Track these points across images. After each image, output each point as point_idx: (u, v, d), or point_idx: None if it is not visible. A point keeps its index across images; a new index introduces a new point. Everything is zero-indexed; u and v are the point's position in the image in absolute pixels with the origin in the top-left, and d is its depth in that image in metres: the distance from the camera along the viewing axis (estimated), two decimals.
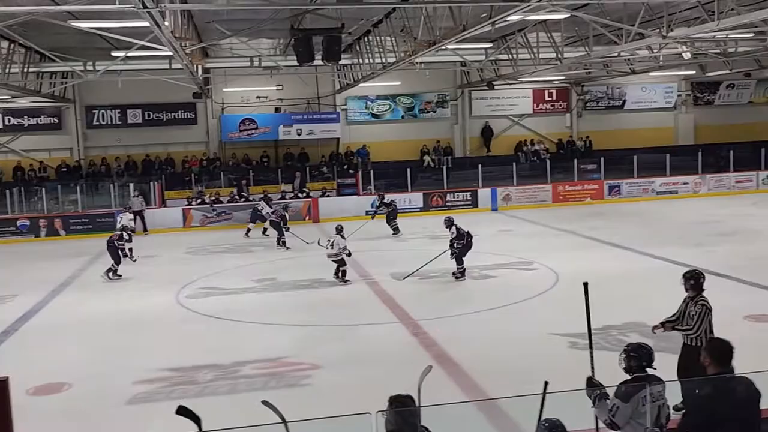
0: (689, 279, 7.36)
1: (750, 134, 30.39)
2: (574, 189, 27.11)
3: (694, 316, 7.13)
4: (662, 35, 14.79)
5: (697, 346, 6.88)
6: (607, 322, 10.54)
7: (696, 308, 7.15)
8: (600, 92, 30.45)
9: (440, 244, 19.31)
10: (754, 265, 14.34)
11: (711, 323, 7.05)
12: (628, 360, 4.96)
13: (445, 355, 9.61)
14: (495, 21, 12.39)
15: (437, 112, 29.36)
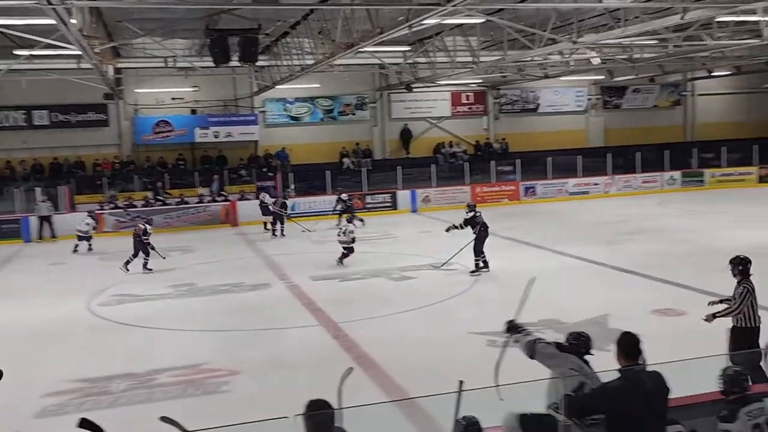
0: (737, 264, 7.59)
1: (655, 137, 31.77)
2: (491, 190, 27.67)
3: (736, 297, 7.45)
4: (572, 41, 15.30)
5: (742, 327, 7.31)
6: (524, 319, 10.74)
7: (739, 289, 7.46)
8: (515, 95, 31.18)
9: (360, 245, 19.34)
10: (660, 262, 14.98)
11: (754, 306, 7.35)
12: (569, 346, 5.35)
13: (365, 357, 9.63)
14: (412, 24, 12.50)
15: (356, 115, 29.41)
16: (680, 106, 33.57)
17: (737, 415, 4.60)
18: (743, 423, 4.59)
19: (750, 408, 4.65)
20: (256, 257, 18.23)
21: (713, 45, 18.29)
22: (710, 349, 5.19)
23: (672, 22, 13.32)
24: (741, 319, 7.38)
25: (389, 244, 19.57)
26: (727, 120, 33.54)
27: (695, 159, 30.10)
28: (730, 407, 4.65)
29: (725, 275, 13.58)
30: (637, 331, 4.82)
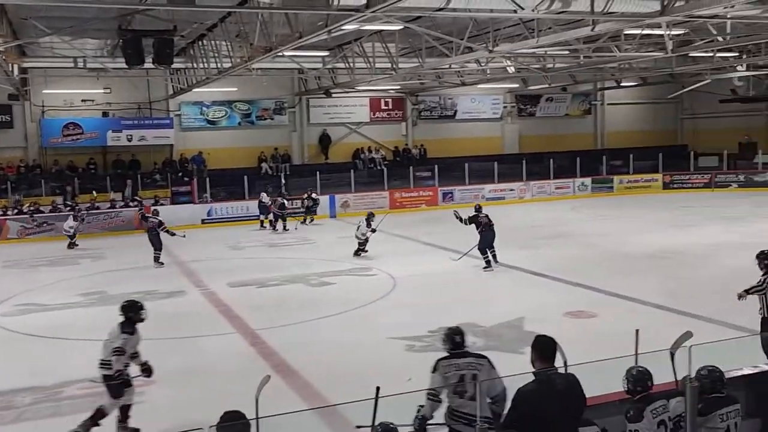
0: (763, 259, 8.16)
1: (567, 144, 32.80)
2: (410, 196, 27.93)
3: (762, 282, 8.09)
4: (488, 50, 15.60)
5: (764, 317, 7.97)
6: (442, 323, 10.84)
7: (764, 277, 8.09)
8: (433, 102, 31.57)
9: (278, 251, 19.17)
10: (572, 265, 15.44)
11: None
12: (443, 341, 5.64)
13: (284, 364, 9.51)
14: (331, 29, 12.47)
15: (275, 119, 29.11)
16: (591, 115, 34.76)
17: (643, 413, 4.76)
18: (649, 421, 4.75)
19: (654, 405, 4.82)
20: (171, 264, 17.76)
21: (621, 56, 19.03)
22: (620, 350, 5.34)
23: (583, 34, 13.78)
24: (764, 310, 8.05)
25: (308, 249, 19.46)
26: (634, 129, 34.95)
27: (605, 166, 31.24)
28: (637, 406, 4.80)
29: (634, 278, 14.17)
30: (551, 333, 4.93)
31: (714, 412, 4.92)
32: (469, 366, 5.35)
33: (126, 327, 7.48)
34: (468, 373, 5.29)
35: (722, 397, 5.03)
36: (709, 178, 30.18)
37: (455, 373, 5.31)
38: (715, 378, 5.08)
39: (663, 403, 4.86)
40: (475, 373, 5.30)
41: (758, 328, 8.29)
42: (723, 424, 4.93)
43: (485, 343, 10.03)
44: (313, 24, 13.48)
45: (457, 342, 5.57)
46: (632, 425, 4.78)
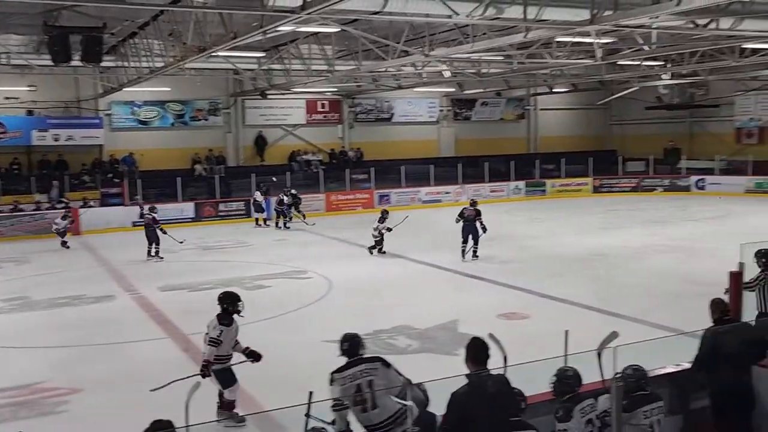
0: (761, 257, 8.10)
1: (501, 148, 33.32)
2: (346, 198, 27.90)
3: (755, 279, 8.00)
4: (424, 54, 15.73)
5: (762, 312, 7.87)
6: (377, 326, 10.92)
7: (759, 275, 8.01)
8: (370, 105, 31.63)
9: (213, 254, 18.90)
10: (506, 267, 15.70)
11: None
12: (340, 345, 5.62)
13: None
14: (266, 30, 12.36)
15: (209, 120, 28.64)
16: (524, 120, 35.42)
17: (572, 413, 4.87)
18: (578, 420, 4.86)
19: (582, 405, 4.93)
20: (99, 268, 17.29)
21: (553, 63, 19.46)
22: (552, 350, 5.45)
23: (516, 40, 14.03)
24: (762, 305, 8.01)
25: (243, 252, 19.21)
26: (565, 133, 35.79)
27: (538, 170, 31.88)
28: (566, 406, 4.91)
29: (565, 279, 14.48)
30: (484, 334, 4.99)
31: (637, 409, 5.08)
32: (363, 373, 5.28)
33: (223, 319, 7.52)
34: (363, 381, 5.22)
35: (646, 394, 5.19)
36: (636, 183, 31.16)
37: (351, 384, 5.23)
38: (639, 376, 5.25)
39: (591, 402, 4.98)
40: (370, 379, 5.23)
41: (683, 328, 8.54)
42: (646, 421, 5.10)
43: (420, 345, 10.10)
44: (247, 24, 13.32)
45: (345, 349, 5.49)
46: (561, 425, 4.88)
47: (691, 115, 33.66)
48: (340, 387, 5.25)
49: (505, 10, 11.30)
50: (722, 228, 19.77)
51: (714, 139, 32.29)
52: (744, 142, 31.17)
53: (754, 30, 13.52)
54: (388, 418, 5.14)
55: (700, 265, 14.97)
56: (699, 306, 8.10)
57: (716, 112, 32.37)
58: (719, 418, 5.73)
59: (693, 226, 21.02)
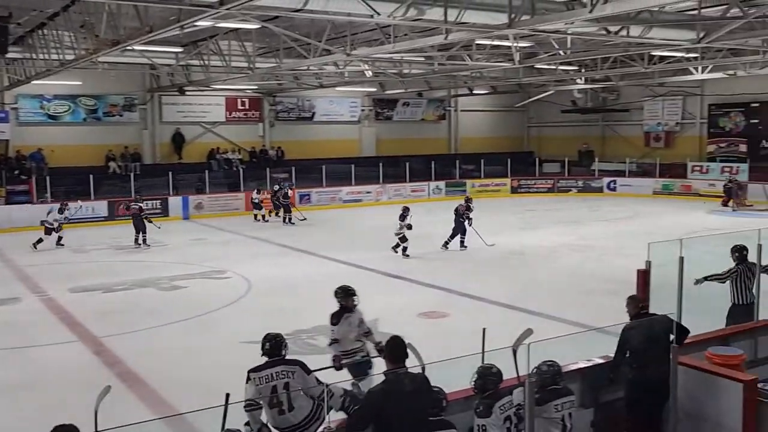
0: (735, 252, 8.73)
1: (422, 148, 33.67)
2: (266, 198, 27.52)
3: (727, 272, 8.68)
4: (346, 53, 15.72)
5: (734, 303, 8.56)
6: (297, 326, 10.84)
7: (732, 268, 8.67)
8: (291, 103, 31.37)
9: (127, 254, 18.40)
10: (425, 266, 15.86)
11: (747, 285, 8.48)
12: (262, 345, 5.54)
13: (130, 373, 9.08)
14: (184, 25, 12.07)
15: (124, 116, 27.76)
16: (445, 120, 35.90)
17: (492, 409, 4.95)
18: (497, 416, 4.95)
19: (502, 402, 5.02)
20: (4, 269, 16.51)
21: (473, 65, 19.79)
22: (470, 348, 5.52)
23: (437, 42, 14.19)
24: (735, 297, 8.60)
25: (158, 252, 18.71)
26: (485, 135, 36.47)
27: (458, 170, 32.36)
28: (486, 402, 4.99)
29: (484, 278, 14.73)
30: (404, 333, 5.02)
31: (549, 403, 5.22)
32: (279, 375, 5.24)
33: (334, 317, 7.34)
34: (279, 383, 5.19)
35: (558, 388, 5.34)
36: (552, 184, 32.04)
37: (267, 385, 5.19)
38: (553, 372, 5.39)
39: (509, 399, 5.08)
40: (286, 381, 5.20)
41: (594, 324, 8.81)
42: (558, 414, 5.25)
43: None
44: (164, 18, 12.99)
45: (266, 349, 5.44)
46: (481, 420, 4.95)
47: (604, 119, 34.91)
48: (255, 387, 5.18)
49: (427, 11, 11.40)
50: (631, 228, 20.54)
51: (625, 142, 33.59)
52: (652, 146, 32.54)
53: (662, 38, 14.13)
54: (305, 418, 5.11)
55: (610, 264, 15.52)
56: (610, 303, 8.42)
57: (627, 117, 33.70)
58: (633, 410, 5.92)
59: (604, 226, 21.77)
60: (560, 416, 5.25)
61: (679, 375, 5.76)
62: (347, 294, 7.38)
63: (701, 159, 30.42)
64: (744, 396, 5.61)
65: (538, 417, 5.06)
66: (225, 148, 29.62)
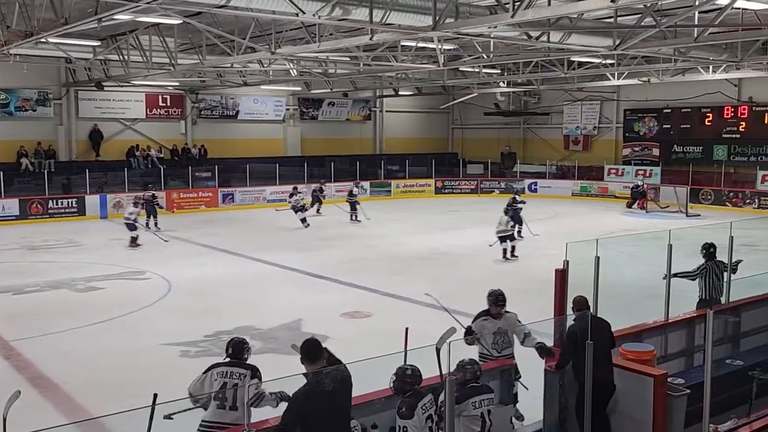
0: (704, 249, 9.17)
1: (347, 148, 33.71)
2: (188, 196, 27.04)
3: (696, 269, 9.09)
4: (271, 51, 15.57)
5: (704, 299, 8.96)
6: (219, 327, 10.68)
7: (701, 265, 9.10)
8: (215, 101, 30.82)
9: (40, 254, 17.77)
10: (349, 266, 15.86)
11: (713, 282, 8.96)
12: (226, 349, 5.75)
13: (42, 377, 8.74)
14: (102, 18, 11.72)
15: (38, 111, 26.65)
16: (370, 121, 35.99)
17: (415, 411, 4.98)
18: (419, 417, 4.99)
19: (424, 401, 5.07)
20: None
21: (398, 66, 19.93)
22: (393, 347, 5.55)
23: (362, 42, 14.22)
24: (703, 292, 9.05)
25: (74, 252, 18.08)
26: (410, 135, 36.76)
27: (383, 170, 32.51)
28: (409, 402, 5.02)
29: (408, 278, 14.85)
30: (328, 333, 5.02)
31: (467, 400, 5.30)
32: (233, 375, 5.46)
33: (475, 318, 7.26)
34: (230, 382, 5.40)
35: (477, 386, 5.44)
36: (475, 185, 32.58)
37: (220, 380, 5.43)
38: (474, 370, 5.49)
39: (431, 398, 5.13)
40: (236, 382, 5.40)
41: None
42: (477, 411, 5.34)
43: (263, 345, 9.96)
44: (82, 11, 12.59)
45: (229, 353, 5.66)
46: (403, 422, 4.98)
47: (525, 122, 35.74)
48: (210, 379, 5.41)
49: (352, 11, 11.43)
50: (551, 228, 21.09)
51: (545, 145, 34.49)
52: (571, 149, 33.52)
53: (580, 44, 14.57)
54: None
55: (531, 263, 15.90)
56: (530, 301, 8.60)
57: (547, 120, 34.64)
58: (580, 405, 6.01)
59: (526, 227, 22.23)
60: (479, 413, 5.35)
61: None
62: (494, 298, 7.13)
63: (617, 162, 31.55)
64: (654, 390, 5.83)
65: (458, 415, 5.14)
66: (145, 145, 28.83)
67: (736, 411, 6.40)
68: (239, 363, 5.57)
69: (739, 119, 27.71)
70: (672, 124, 29.76)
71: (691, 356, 7.97)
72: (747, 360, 7.87)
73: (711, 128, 28.47)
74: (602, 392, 6.02)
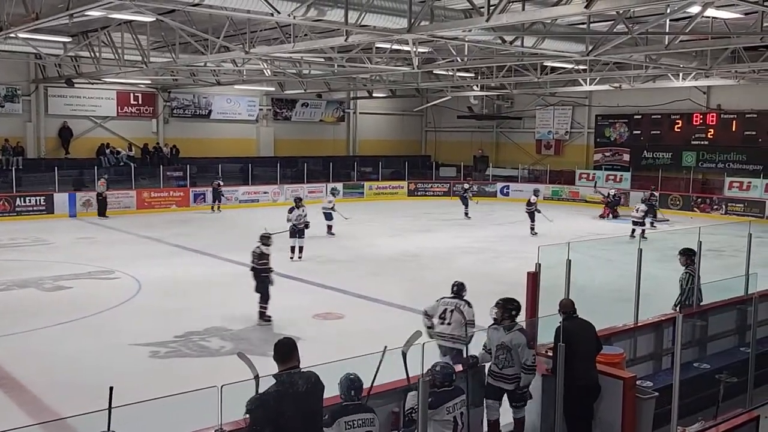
0: (683, 254, 9.17)
1: (321, 149, 33.66)
2: (160, 196, 26.78)
3: (681, 281, 9.04)
4: (245, 50, 15.48)
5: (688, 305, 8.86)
6: (188, 328, 10.59)
7: (683, 275, 9.04)
8: (187, 100, 30.55)
9: (7, 252, 17.49)
10: (322, 267, 15.84)
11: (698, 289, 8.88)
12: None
13: (7, 378, 8.60)
14: (73, 14, 11.55)
15: (6, 108, 26.18)
16: (344, 122, 35.96)
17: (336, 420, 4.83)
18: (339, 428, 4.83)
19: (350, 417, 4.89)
20: None
21: (372, 68, 19.93)
22: (365, 348, 5.53)
23: (337, 43, 14.22)
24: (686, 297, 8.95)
25: (42, 251, 17.79)
26: (384, 137, 36.82)
27: (356, 172, 32.50)
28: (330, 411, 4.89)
29: (380, 279, 14.85)
30: (299, 334, 4.99)
31: (442, 405, 5.29)
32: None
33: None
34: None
35: (450, 390, 5.43)
36: (447, 187, 32.70)
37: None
38: (446, 373, 5.48)
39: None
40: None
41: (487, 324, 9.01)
42: (450, 416, 5.32)
43: (234, 346, 9.90)
44: (53, 6, 12.39)
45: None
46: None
47: (498, 126, 35.97)
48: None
49: (327, 12, 11.40)
50: (523, 232, 21.21)
51: (517, 148, 34.74)
52: (543, 153, 33.80)
53: (553, 49, 14.70)
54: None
55: (503, 266, 16.00)
56: None
57: (520, 124, 34.89)
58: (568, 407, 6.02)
59: (497, 230, 22.39)
60: (452, 417, 5.34)
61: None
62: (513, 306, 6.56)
63: (588, 167, 31.88)
64: (624, 393, 5.90)
65: (431, 419, 5.10)
66: (116, 144, 28.47)
67: (703, 413, 6.49)
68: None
69: (707, 126, 28.19)
70: (642, 129, 30.16)
71: (659, 359, 8.08)
72: (714, 363, 8.00)
73: (680, 134, 28.93)
74: (588, 394, 6.07)
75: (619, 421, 5.89)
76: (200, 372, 8.78)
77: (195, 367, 9.23)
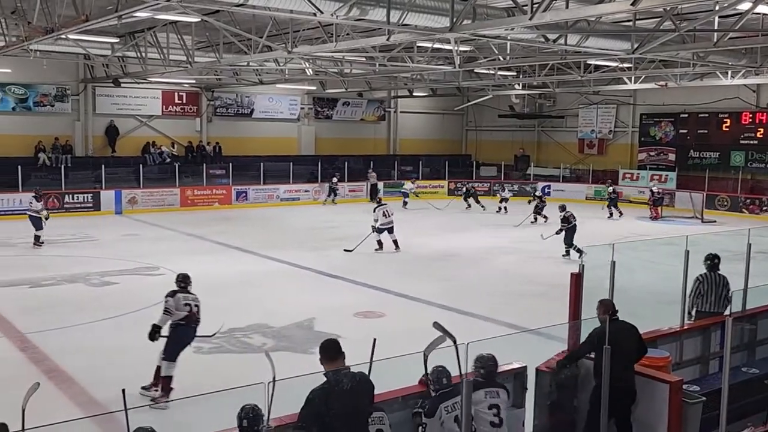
0: (707, 260, 8.81)
1: (361, 148, 33.74)
2: (202, 193, 27.17)
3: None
4: (287, 50, 15.61)
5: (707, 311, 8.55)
6: (232, 325, 10.72)
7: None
8: (230, 99, 30.94)
9: (56, 248, 17.86)
10: (362, 266, 15.88)
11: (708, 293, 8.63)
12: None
13: (57, 370, 8.81)
14: (122, 15, 11.79)
15: (56, 107, 26.87)
16: (384, 121, 36.01)
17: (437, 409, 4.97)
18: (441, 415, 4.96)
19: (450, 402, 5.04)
20: None
21: (414, 67, 19.92)
22: (407, 348, 5.54)
23: (378, 42, 14.24)
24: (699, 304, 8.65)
25: (89, 247, 18.19)
26: (424, 137, 36.76)
27: (396, 171, 32.51)
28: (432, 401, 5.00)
29: (420, 279, 14.84)
30: (340, 333, 5.03)
31: (481, 399, 5.26)
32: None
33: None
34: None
35: (490, 386, 5.40)
36: (488, 187, 32.50)
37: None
38: (490, 368, 5.45)
39: (456, 400, 5.10)
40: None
41: (525, 325, 8.99)
42: (490, 412, 5.30)
43: (276, 343, 10.01)
44: (101, 8, 12.66)
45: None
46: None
47: (540, 125, 35.63)
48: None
49: (369, 11, 11.42)
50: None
51: (559, 148, 34.36)
52: (586, 152, 33.37)
53: (598, 48, 14.51)
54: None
55: (541, 267, 15.86)
56: (538, 305, 8.63)
57: (562, 123, 34.51)
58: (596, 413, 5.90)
59: (537, 230, 22.16)
60: (492, 413, 5.31)
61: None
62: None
63: (632, 167, 31.39)
64: (670, 397, 5.80)
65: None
66: (161, 142, 28.98)
67: (752, 419, 6.35)
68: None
69: (757, 125, 27.52)
70: (689, 129, 29.57)
71: (706, 363, 7.91)
72: (763, 368, 7.81)
73: (728, 134, 28.28)
74: (624, 397, 5.97)
75: (665, 426, 5.78)
76: (244, 368, 8.89)
77: (238, 361, 9.36)
